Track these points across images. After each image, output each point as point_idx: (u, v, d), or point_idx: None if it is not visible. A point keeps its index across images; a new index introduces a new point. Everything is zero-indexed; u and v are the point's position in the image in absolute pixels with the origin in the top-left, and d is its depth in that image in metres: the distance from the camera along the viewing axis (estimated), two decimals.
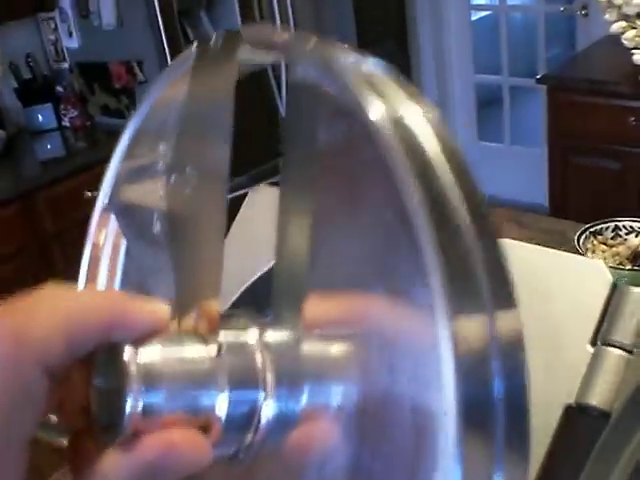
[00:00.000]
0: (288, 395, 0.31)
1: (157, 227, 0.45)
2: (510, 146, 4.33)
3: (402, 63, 4.24)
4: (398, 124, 0.31)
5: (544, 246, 1.69)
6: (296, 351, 0.33)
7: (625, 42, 2.77)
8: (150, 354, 0.30)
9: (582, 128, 3.10)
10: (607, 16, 2.79)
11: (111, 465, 0.31)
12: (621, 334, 0.45)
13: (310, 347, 0.33)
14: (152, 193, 0.46)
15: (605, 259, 1.57)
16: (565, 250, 1.64)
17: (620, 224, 1.62)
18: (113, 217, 0.51)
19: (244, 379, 0.31)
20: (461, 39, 4.20)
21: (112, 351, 0.30)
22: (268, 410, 0.31)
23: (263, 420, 0.31)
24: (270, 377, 0.31)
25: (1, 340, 0.31)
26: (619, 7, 2.73)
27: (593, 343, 0.46)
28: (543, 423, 0.46)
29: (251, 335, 0.32)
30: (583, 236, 1.59)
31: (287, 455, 0.33)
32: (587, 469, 0.40)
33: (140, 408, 0.29)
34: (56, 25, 3.08)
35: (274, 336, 0.33)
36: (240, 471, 0.35)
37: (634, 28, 2.75)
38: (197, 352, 0.31)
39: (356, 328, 0.34)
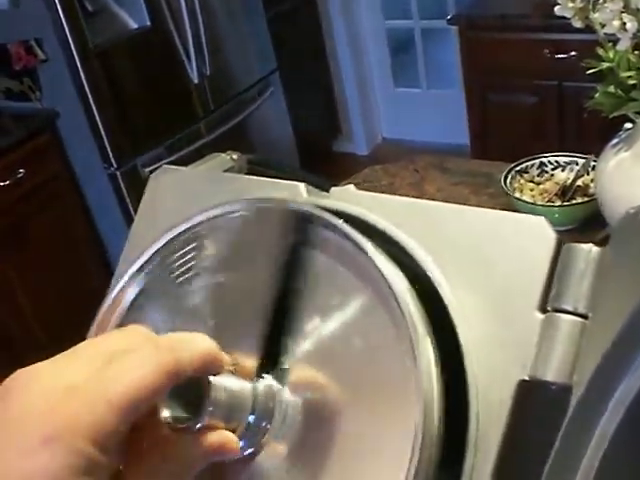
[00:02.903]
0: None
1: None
2: (427, 90, 4.30)
3: (310, 16, 4.17)
4: None
5: (471, 189, 1.66)
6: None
7: None
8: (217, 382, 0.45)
9: (497, 65, 3.08)
10: None
11: (189, 448, 0.43)
12: (573, 298, 0.41)
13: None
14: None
15: (534, 197, 1.55)
16: (492, 191, 1.62)
17: (545, 160, 1.60)
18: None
19: (261, 410, 0.48)
20: None
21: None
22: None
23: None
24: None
25: None
26: None
27: (542, 310, 0.42)
28: (497, 400, 0.42)
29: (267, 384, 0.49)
30: (509, 176, 1.57)
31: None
32: (557, 448, 0.36)
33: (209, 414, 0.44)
34: None
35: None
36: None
37: None
38: (241, 388, 0.47)
39: None
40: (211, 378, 0.44)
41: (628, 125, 1.33)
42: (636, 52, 1.21)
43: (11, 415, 0.36)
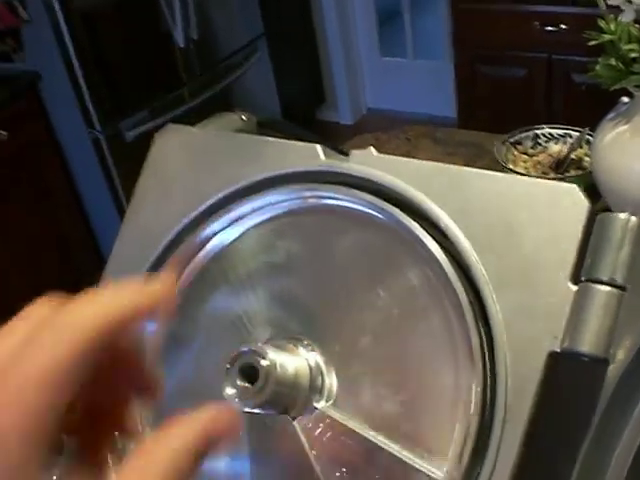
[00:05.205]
0: None
1: None
2: (414, 60, 4.27)
3: None
4: None
5: (464, 160, 1.65)
6: None
7: None
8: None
9: (486, 36, 3.06)
10: None
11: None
12: (609, 269, 0.39)
13: None
14: None
15: (527, 169, 1.54)
16: (485, 162, 1.60)
17: (539, 132, 1.59)
18: None
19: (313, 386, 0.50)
20: None
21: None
22: None
23: None
24: None
25: None
26: None
27: (575, 280, 0.41)
28: (527, 372, 0.41)
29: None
30: (503, 147, 1.55)
31: None
32: (597, 424, 0.35)
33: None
34: None
35: None
36: None
37: None
38: (296, 365, 0.49)
39: None
40: (268, 356, 0.46)
41: (625, 99, 1.32)
42: (637, 25, 1.20)
43: None
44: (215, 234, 0.55)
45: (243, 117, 0.64)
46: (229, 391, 0.45)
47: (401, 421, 0.45)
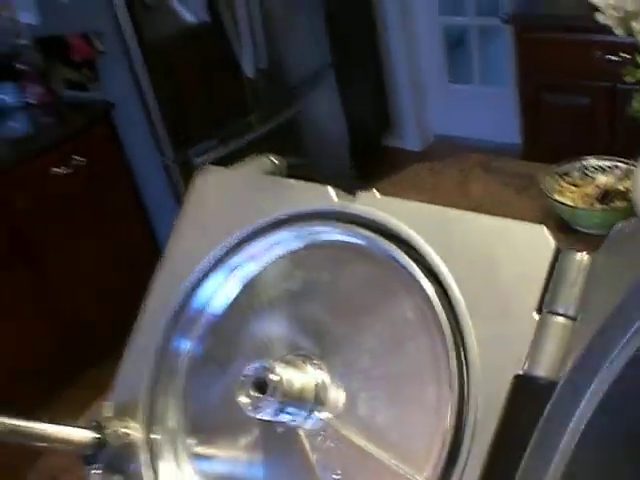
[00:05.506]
0: None
1: None
2: (480, 86, 4.30)
3: (365, 12, 4.19)
4: None
5: (513, 191, 1.69)
6: None
7: None
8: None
9: (550, 65, 3.08)
10: None
11: None
12: (565, 302, 0.45)
13: None
14: None
15: (574, 200, 1.58)
16: (534, 193, 1.64)
17: (586, 163, 1.62)
18: None
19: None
20: None
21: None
22: None
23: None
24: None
25: None
26: None
27: (539, 311, 0.47)
28: (494, 391, 0.47)
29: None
30: (551, 178, 1.59)
31: None
32: (535, 436, 0.41)
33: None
34: (10, 1, 3.02)
35: None
36: None
37: None
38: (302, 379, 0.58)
39: None
40: (276, 370, 0.55)
41: None
42: None
43: None
44: (240, 266, 0.63)
45: (274, 160, 0.71)
46: (243, 400, 0.54)
47: (390, 431, 0.52)
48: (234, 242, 0.63)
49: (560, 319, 0.45)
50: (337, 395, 0.56)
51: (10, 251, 2.79)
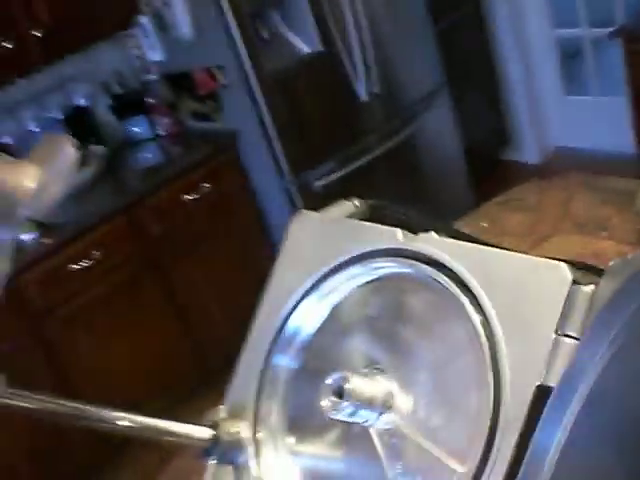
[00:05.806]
0: None
1: None
2: (596, 97, 4.29)
3: (478, 27, 4.25)
4: None
5: (615, 208, 1.76)
6: None
7: None
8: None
9: None
10: None
11: None
12: (573, 326, 0.57)
13: None
14: None
15: None
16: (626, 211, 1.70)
17: None
18: None
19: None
20: None
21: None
22: None
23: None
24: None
25: None
26: None
27: (556, 333, 0.58)
28: (521, 399, 0.58)
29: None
30: None
31: None
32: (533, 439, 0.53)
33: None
34: (139, 41, 3.28)
35: None
36: None
37: None
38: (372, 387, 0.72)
39: None
40: (351, 380, 0.69)
41: None
42: None
43: None
44: (326, 295, 0.77)
45: (356, 204, 0.85)
46: (324, 403, 0.69)
47: (441, 431, 0.65)
48: (321, 275, 0.77)
49: (567, 339, 0.57)
50: (401, 400, 0.69)
51: (149, 274, 3.03)
